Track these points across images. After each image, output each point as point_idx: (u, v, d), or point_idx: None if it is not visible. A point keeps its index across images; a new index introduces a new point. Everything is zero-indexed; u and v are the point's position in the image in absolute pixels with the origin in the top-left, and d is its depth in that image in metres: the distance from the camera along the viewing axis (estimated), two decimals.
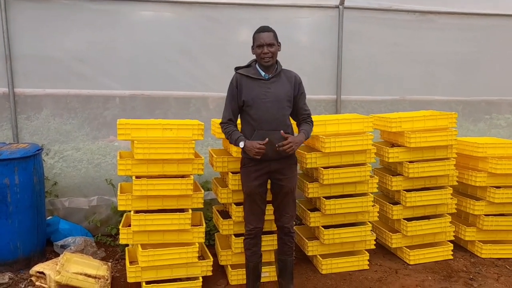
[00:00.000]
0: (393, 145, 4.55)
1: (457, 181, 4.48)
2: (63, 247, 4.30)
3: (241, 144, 3.37)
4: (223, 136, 3.89)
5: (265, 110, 3.40)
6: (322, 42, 5.34)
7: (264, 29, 3.43)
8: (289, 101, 3.49)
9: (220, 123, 3.59)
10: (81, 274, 3.72)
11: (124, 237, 3.72)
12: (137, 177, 3.68)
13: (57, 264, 3.72)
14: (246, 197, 3.59)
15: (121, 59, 4.89)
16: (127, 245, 4.11)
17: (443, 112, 4.54)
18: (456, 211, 4.53)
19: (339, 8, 5.20)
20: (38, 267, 3.75)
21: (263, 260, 3.77)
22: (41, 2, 4.60)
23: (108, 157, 4.96)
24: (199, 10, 4.94)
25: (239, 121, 3.60)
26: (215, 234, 4.41)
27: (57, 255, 4.26)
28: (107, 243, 4.68)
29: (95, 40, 4.80)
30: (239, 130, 3.58)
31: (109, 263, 4.07)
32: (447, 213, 4.46)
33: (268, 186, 3.65)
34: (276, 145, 3.34)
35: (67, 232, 4.42)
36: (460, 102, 5.85)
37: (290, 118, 3.58)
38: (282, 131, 3.35)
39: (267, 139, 3.31)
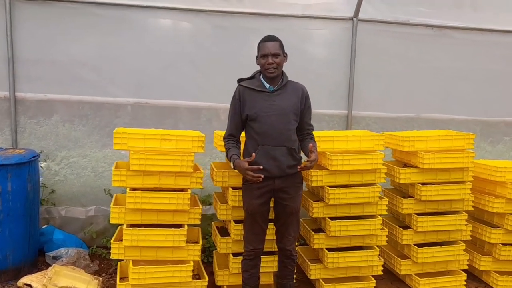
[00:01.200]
0: (405, 165, 4.31)
1: (472, 206, 4.21)
2: (55, 258, 4.13)
3: (231, 165, 3.20)
4: (224, 149, 3.73)
5: (269, 124, 3.21)
6: (334, 55, 5.14)
7: (269, 38, 3.25)
8: (295, 115, 3.30)
9: (223, 138, 3.41)
10: None
11: (115, 251, 3.54)
12: (132, 189, 3.51)
13: (45, 277, 3.55)
14: (247, 215, 3.39)
15: (128, 66, 4.75)
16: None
17: (459, 132, 4.29)
18: (470, 238, 4.25)
19: (353, 20, 5.01)
20: (25, 279, 3.57)
21: (261, 282, 3.55)
22: (46, 5, 4.49)
23: (112, 166, 4.79)
24: (208, 18, 4.79)
25: (243, 134, 3.42)
26: (214, 251, 4.19)
27: (49, 266, 4.08)
28: (102, 255, 4.50)
29: (101, 46, 4.68)
30: (243, 144, 3.39)
31: (101, 278, 3.88)
32: (461, 240, 4.18)
33: (271, 204, 3.44)
34: (299, 167, 3.19)
35: (61, 242, 4.26)
36: (478, 122, 5.57)
37: None
38: (311, 145, 3.19)
39: (253, 154, 3.13)
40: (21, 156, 3.92)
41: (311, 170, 3.79)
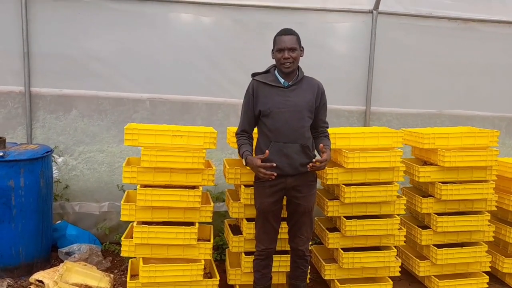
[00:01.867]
0: (425, 163, 4.16)
1: (496, 206, 4.03)
2: (68, 254, 4.12)
3: (243, 162, 3.10)
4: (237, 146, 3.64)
5: (283, 120, 3.11)
6: (353, 49, 4.99)
7: (286, 32, 3.14)
8: (310, 112, 3.18)
9: (235, 134, 3.32)
10: (81, 285, 3.53)
11: (125, 249, 3.49)
12: (142, 186, 3.46)
13: (57, 273, 3.54)
14: (259, 214, 3.30)
15: (144, 61, 4.70)
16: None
17: (483, 129, 4.10)
18: (493, 239, 4.07)
19: (373, 13, 4.84)
20: (37, 275, 3.57)
21: (273, 282, 3.46)
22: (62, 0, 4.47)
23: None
24: (225, 12, 4.70)
25: (256, 130, 3.32)
26: (226, 249, 4.12)
27: (62, 262, 4.08)
28: (115, 251, 4.47)
29: (117, 41, 4.65)
30: (255, 141, 3.30)
31: (113, 275, 3.86)
32: (483, 242, 4.01)
33: (284, 202, 3.35)
34: (309, 165, 3.07)
35: (74, 238, 4.25)
36: (504, 119, 5.36)
37: None
38: (321, 144, 3.08)
39: (267, 151, 3.03)
40: (34, 152, 3.91)
41: (326, 168, 3.70)
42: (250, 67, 4.67)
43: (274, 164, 3.03)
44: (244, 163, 3.15)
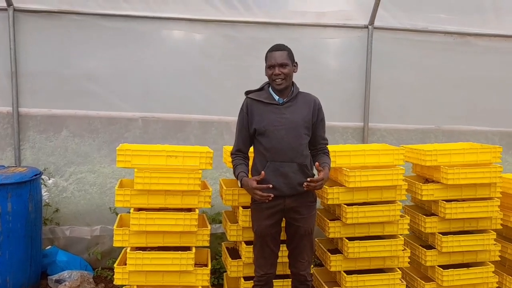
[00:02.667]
0: (426, 180, 4.04)
1: (501, 225, 3.91)
2: (58, 281, 3.93)
3: (238, 183, 2.98)
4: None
5: (279, 139, 2.99)
6: (349, 64, 4.92)
7: (276, 48, 3.04)
8: (307, 128, 3.07)
9: (231, 154, 3.20)
10: None
11: (119, 277, 3.32)
12: (136, 209, 3.31)
13: None
14: (257, 238, 3.15)
15: (136, 79, 4.61)
16: None
17: (485, 145, 4.02)
18: (499, 259, 3.95)
19: (368, 28, 4.78)
20: None
21: None
22: (51, 18, 4.36)
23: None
24: (218, 29, 4.61)
25: (252, 149, 3.20)
26: (224, 274, 3.96)
27: None
28: (108, 277, 4.29)
29: (108, 59, 4.58)
30: (251, 160, 3.17)
31: None
32: (490, 261, 3.89)
33: (283, 224, 3.21)
34: (304, 184, 2.93)
35: (64, 264, 4.08)
36: (502, 134, 5.28)
37: None
38: (317, 163, 2.96)
39: (263, 172, 2.91)
40: (22, 175, 3.75)
41: (326, 187, 3.58)
42: (243, 84, 4.62)
43: (271, 185, 2.91)
44: (239, 185, 3.02)
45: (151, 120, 4.66)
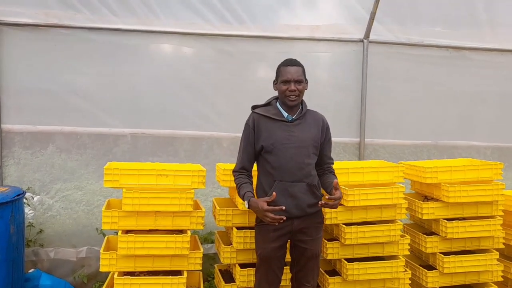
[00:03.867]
0: (426, 197, 3.93)
1: (503, 244, 3.79)
2: None
3: (246, 204, 2.79)
4: (228, 184, 3.37)
5: (288, 157, 2.84)
6: (344, 79, 4.82)
7: (292, 63, 2.90)
8: (315, 148, 2.93)
9: (233, 171, 3.02)
10: None
11: None
12: (125, 231, 3.13)
13: None
14: (261, 262, 2.97)
15: (125, 94, 4.45)
16: None
17: (485, 161, 3.91)
18: (502, 279, 3.82)
19: (364, 42, 4.70)
20: None
21: None
22: (37, 32, 4.20)
23: (109, 199, 4.45)
24: (210, 43, 4.49)
25: (255, 167, 3.04)
26: None
27: None
28: None
29: (96, 74, 4.40)
30: (256, 179, 3.01)
31: None
32: (492, 282, 3.75)
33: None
34: (321, 203, 2.78)
35: None
36: (501, 149, 5.19)
37: None
38: (336, 180, 2.80)
39: (274, 193, 2.72)
40: (3, 195, 3.55)
41: None
42: (235, 98, 4.53)
43: (284, 207, 2.71)
44: (247, 206, 2.80)
45: (140, 136, 4.50)
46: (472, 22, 4.83)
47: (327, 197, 2.80)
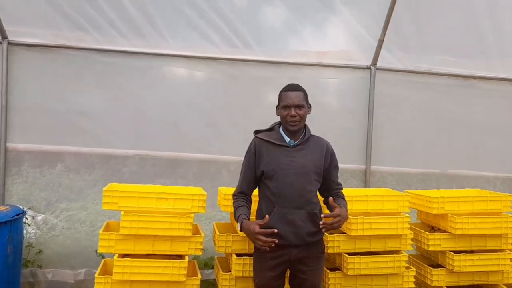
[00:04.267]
0: (432, 228, 3.82)
1: None
2: None
3: (238, 226, 2.73)
4: (229, 209, 3.31)
5: (288, 183, 2.77)
6: (351, 105, 4.79)
7: (293, 88, 2.86)
8: (317, 174, 2.86)
9: (232, 195, 2.97)
10: None
11: None
12: (121, 255, 3.07)
13: None
14: None
15: (131, 116, 4.47)
16: None
17: (494, 192, 3.81)
18: None
19: (371, 69, 4.68)
20: None
21: None
22: (46, 52, 4.24)
23: (112, 220, 4.42)
24: (217, 66, 4.50)
25: (256, 192, 2.98)
26: None
27: None
28: None
29: (103, 95, 4.44)
30: (256, 205, 2.95)
31: None
32: None
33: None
34: (320, 223, 2.64)
35: None
36: (506, 179, 5.08)
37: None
38: (331, 198, 2.72)
39: (267, 216, 2.65)
40: (2, 214, 3.53)
41: (326, 234, 3.35)
42: (242, 123, 4.51)
43: (276, 230, 2.63)
44: (239, 228, 2.75)
45: (149, 157, 4.49)
46: (481, 51, 4.78)
47: (323, 215, 2.69)
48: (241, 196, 2.91)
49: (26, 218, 4.14)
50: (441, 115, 4.90)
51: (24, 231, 4.19)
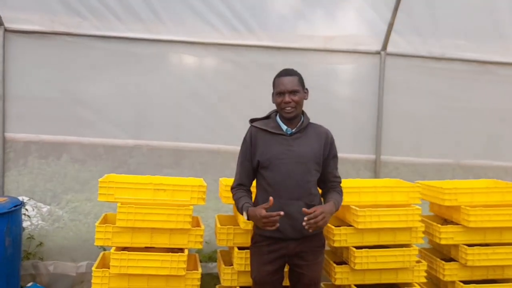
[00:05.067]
0: (445, 220, 3.65)
1: None
2: None
3: (245, 215, 2.59)
4: (230, 201, 3.18)
5: (285, 173, 2.64)
6: (360, 92, 4.60)
7: (286, 73, 2.71)
8: (317, 164, 2.71)
9: (231, 188, 2.83)
10: None
11: None
12: (119, 248, 2.96)
13: None
14: (255, 286, 2.76)
15: (132, 105, 4.35)
16: None
17: (511, 183, 3.62)
18: None
19: (381, 54, 4.48)
20: None
21: None
22: (43, 39, 4.12)
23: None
24: (218, 53, 4.34)
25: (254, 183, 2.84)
26: None
27: None
28: None
29: (103, 83, 4.31)
30: (253, 196, 2.81)
31: None
32: None
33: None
34: (304, 224, 2.48)
35: None
36: None
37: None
38: (304, 209, 2.50)
39: (271, 198, 2.50)
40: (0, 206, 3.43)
41: (332, 227, 3.22)
42: (248, 111, 4.34)
43: (282, 213, 2.47)
44: (246, 218, 2.60)
45: (156, 148, 4.38)
46: (497, 35, 4.54)
47: (305, 217, 2.49)
48: (241, 188, 2.78)
49: (26, 210, 4.06)
50: (454, 103, 4.68)
51: (29, 223, 4.14)
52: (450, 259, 3.51)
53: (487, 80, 4.69)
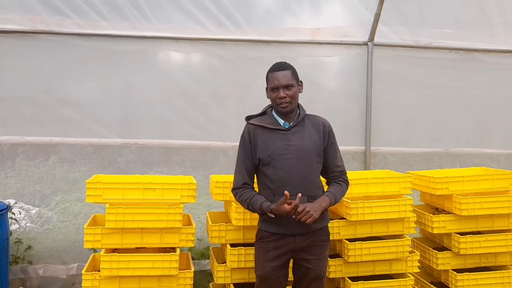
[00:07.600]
0: (436, 209, 3.65)
1: None
2: None
3: (271, 215, 2.55)
4: (221, 198, 3.15)
5: (287, 169, 2.59)
6: (348, 84, 4.59)
7: (279, 67, 2.66)
8: (318, 155, 2.68)
9: (232, 190, 2.75)
10: None
11: None
12: (109, 250, 2.91)
13: None
14: (260, 282, 2.71)
15: (117, 103, 4.31)
16: None
17: (500, 170, 3.63)
18: None
19: (368, 45, 4.46)
20: None
21: None
22: (26, 38, 4.03)
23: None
24: (204, 48, 4.30)
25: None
26: None
27: None
28: None
29: (87, 82, 4.26)
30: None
31: None
32: None
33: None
34: (292, 215, 2.48)
35: None
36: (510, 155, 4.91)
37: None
38: (299, 194, 2.48)
39: (286, 192, 2.45)
40: None
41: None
42: (237, 106, 4.32)
43: (300, 195, 2.46)
44: (272, 216, 2.55)
45: (145, 146, 4.33)
46: (484, 23, 4.55)
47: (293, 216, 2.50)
48: (247, 187, 2.70)
49: (13, 213, 3.98)
50: (442, 91, 4.70)
51: (17, 226, 4.06)
52: (443, 248, 3.52)
53: (474, 67, 4.70)
